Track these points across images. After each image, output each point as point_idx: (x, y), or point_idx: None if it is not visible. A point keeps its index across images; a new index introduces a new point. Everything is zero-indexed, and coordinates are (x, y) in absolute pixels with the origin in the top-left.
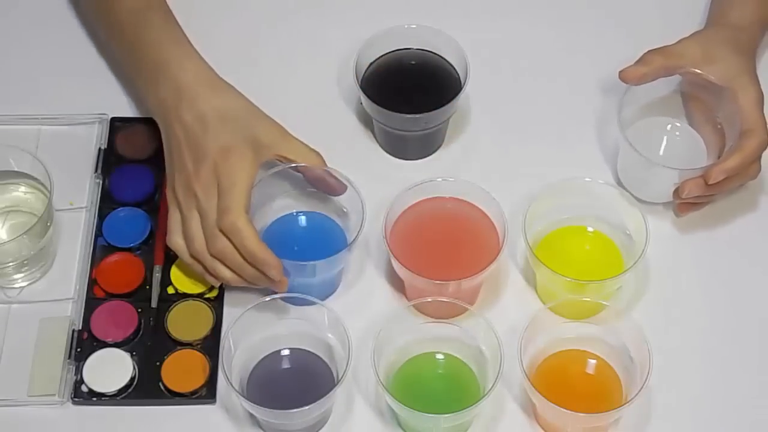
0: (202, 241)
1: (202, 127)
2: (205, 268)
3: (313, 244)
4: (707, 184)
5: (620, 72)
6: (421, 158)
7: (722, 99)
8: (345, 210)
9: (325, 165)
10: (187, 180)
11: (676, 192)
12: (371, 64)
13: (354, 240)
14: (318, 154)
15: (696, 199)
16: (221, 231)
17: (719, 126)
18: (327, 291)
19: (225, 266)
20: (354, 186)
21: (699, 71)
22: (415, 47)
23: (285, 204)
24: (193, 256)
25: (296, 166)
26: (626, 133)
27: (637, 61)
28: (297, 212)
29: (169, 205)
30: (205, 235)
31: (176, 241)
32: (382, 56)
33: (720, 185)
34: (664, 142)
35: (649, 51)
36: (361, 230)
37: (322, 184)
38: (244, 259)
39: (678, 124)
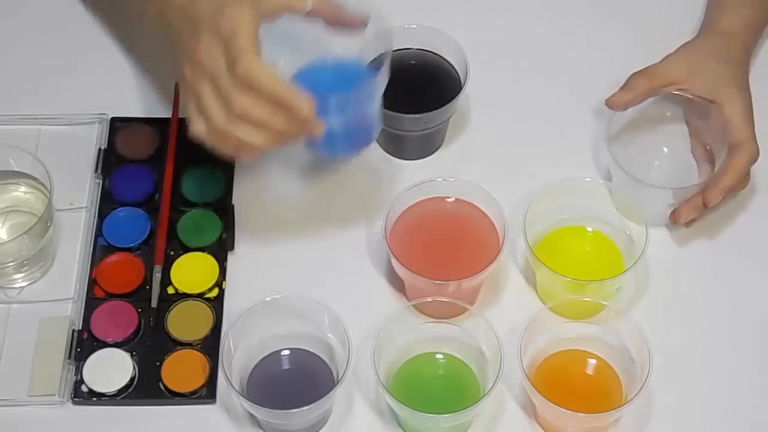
0: (221, 110)
1: (191, 1)
2: (233, 142)
3: None
4: (706, 206)
5: (606, 100)
6: (421, 158)
7: (710, 116)
8: None
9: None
10: (190, 55)
11: (673, 215)
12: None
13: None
14: None
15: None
16: (238, 84)
17: (708, 148)
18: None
19: (253, 129)
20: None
21: (681, 90)
22: (415, 47)
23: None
24: (218, 133)
25: (308, 12)
26: (618, 156)
27: (622, 87)
28: None
29: (182, 99)
30: (223, 100)
31: (197, 127)
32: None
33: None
34: (656, 162)
35: (633, 74)
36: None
37: (339, 22)
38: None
39: (669, 143)
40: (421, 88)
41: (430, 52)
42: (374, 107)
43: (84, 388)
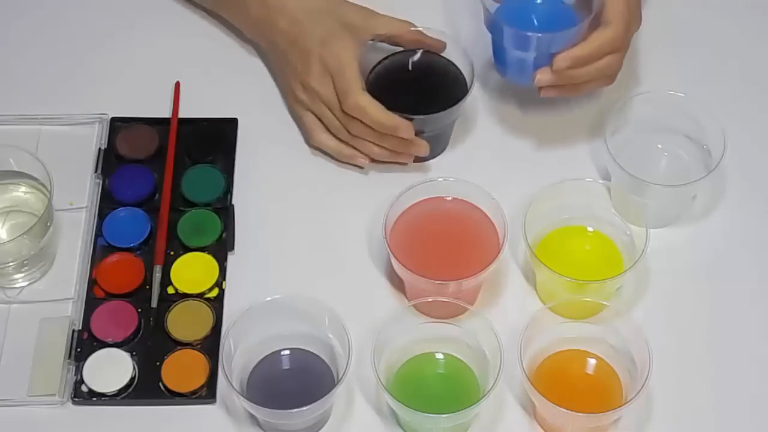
0: (342, 128)
1: (299, 28)
2: (355, 148)
3: None
4: (552, 71)
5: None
6: (426, 160)
7: None
8: None
9: (417, 28)
10: (303, 80)
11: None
12: (376, 66)
13: None
14: (408, 22)
15: (558, 88)
16: (348, 113)
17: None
18: None
19: (369, 144)
20: (448, 37)
21: None
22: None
23: None
24: (342, 144)
25: (392, 37)
26: (618, 157)
27: None
28: None
29: (298, 114)
30: (340, 121)
31: (320, 138)
32: (386, 58)
33: (573, 76)
34: (655, 162)
35: None
36: None
37: (421, 47)
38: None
39: (668, 143)
40: (428, 90)
41: (438, 54)
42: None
43: (84, 388)
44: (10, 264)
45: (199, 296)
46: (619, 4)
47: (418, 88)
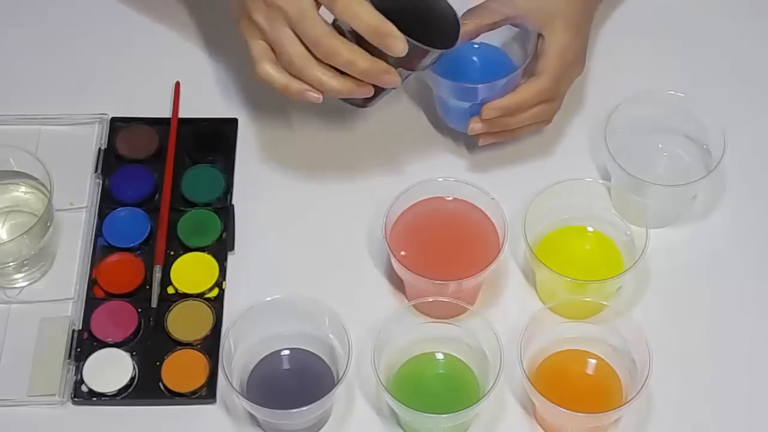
0: (303, 53)
1: None
2: (306, 85)
3: None
4: (482, 119)
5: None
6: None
7: (531, 44)
8: None
9: None
10: (263, 3)
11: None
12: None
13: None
14: None
15: (494, 134)
16: (328, 29)
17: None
18: None
19: (333, 72)
20: None
21: (515, 25)
22: None
23: None
24: (296, 74)
25: None
26: (617, 156)
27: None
28: None
29: (245, 39)
30: (310, 41)
31: (265, 69)
32: None
33: (506, 124)
34: (655, 162)
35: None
36: None
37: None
38: (360, 45)
39: (668, 143)
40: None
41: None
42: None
43: (84, 388)
44: (10, 264)
45: (199, 296)
46: (551, 56)
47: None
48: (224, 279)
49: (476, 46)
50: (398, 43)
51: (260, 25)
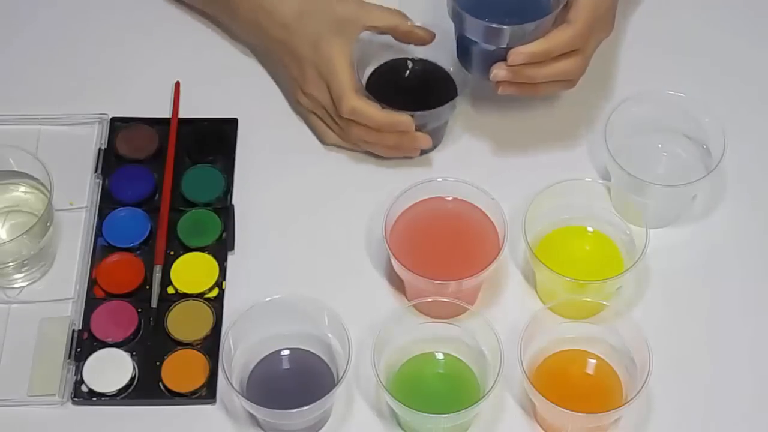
0: (342, 132)
1: (289, 33)
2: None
3: None
4: (507, 65)
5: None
6: (428, 152)
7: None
8: None
9: (408, 20)
10: (302, 87)
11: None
12: (376, 66)
13: None
14: (399, 12)
15: (516, 86)
16: (346, 119)
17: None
18: None
19: (372, 146)
20: (431, 28)
21: None
22: (416, 56)
23: None
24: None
25: (385, 28)
26: (617, 156)
27: None
28: None
29: (303, 116)
30: (341, 126)
31: (331, 138)
32: (384, 64)
33: (531, 75)
34: (655, 162)
35: None
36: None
37: (411, 38)
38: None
39: (667, 143)
40: (420, 91)
41: (429, 61)
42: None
43: (84, 388)
44: (10, 264)
45: (199, 296)
46: (585, 6)
47: (411, 89)
48: (224, 279)
49: None
50: (403, 125)
51: (307, 106)
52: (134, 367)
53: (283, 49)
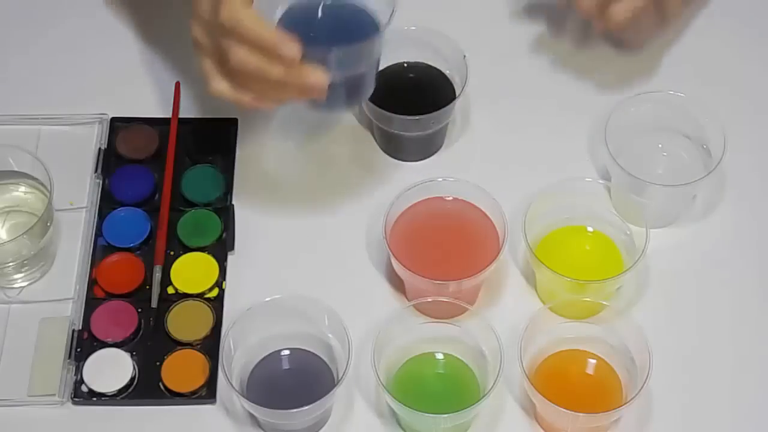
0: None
1: None
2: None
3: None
4: (609, 19)
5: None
6: (419, 160)
7: None
8: None
9: None
10: (195, 12)
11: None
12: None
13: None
14: None
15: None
16: (226, 33)
17: None
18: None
19: (252, 81)
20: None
21: None
22: (415, 59)
23: None
24: (240, 88)
25: None
26: (617, 156)
27: None
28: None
29: (197, 60)
30: (223, 51)
31: (218, 87)
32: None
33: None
34: (655, 162)
35: None
36: None
37: None
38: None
39: (668, 142)
40: (419, 93)
41: (428, 64)
42: (373, 63)
43: (84, 388)
44: (10, 264)
45: (199, 296)
46: None
47: (411, 91)
48: (224, 279)
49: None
50: (287, 48)
51: (200, 43)
52: (134, 367)
53: None
